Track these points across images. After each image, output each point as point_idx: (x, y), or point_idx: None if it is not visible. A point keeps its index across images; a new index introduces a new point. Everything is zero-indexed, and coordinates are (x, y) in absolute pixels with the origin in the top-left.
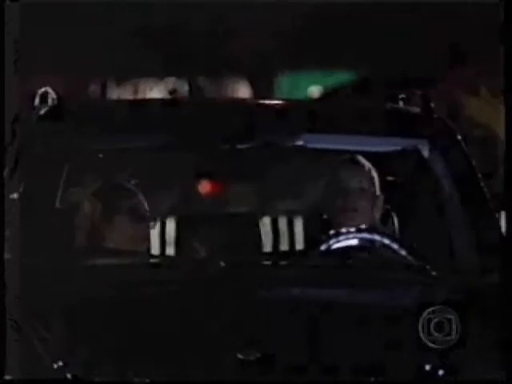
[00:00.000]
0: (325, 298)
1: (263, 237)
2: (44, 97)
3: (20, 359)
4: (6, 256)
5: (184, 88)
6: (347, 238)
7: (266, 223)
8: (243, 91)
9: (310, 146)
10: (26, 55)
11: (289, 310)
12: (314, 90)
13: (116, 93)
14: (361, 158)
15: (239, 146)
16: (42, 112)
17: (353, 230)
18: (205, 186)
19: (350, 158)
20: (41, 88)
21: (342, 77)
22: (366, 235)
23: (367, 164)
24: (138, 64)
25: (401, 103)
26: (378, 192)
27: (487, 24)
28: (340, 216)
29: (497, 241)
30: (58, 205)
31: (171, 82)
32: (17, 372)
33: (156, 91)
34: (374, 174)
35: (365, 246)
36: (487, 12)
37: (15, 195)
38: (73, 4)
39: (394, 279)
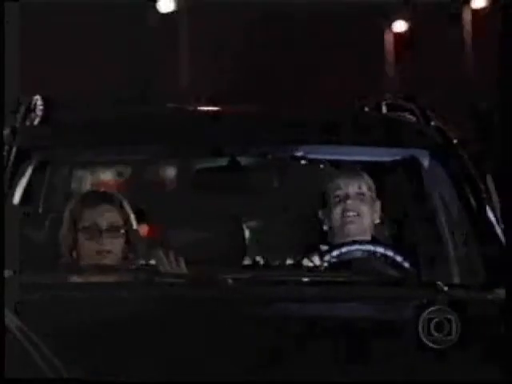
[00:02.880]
0: (334, 316)
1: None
2: (34, 106)
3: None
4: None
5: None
6: (349, 250)
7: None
8: None
9: (309, 156)
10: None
11: (299, 330)
12: None
13: None
14: (356, 167)
15: (238, 158)
16: (32, 122)
17: (356, 241)
18: (143, 229)
19: (347, 167)
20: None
21: None
22: (369, 247)
23: (362, 172)
24: None
25: (384, 109)
26: (374, 197)
27: None
28: (341, 220)
29: (497, 252)
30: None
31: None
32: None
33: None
34: (370, 180)
35: (367, 259)
36: None
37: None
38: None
39: (396, 297)
